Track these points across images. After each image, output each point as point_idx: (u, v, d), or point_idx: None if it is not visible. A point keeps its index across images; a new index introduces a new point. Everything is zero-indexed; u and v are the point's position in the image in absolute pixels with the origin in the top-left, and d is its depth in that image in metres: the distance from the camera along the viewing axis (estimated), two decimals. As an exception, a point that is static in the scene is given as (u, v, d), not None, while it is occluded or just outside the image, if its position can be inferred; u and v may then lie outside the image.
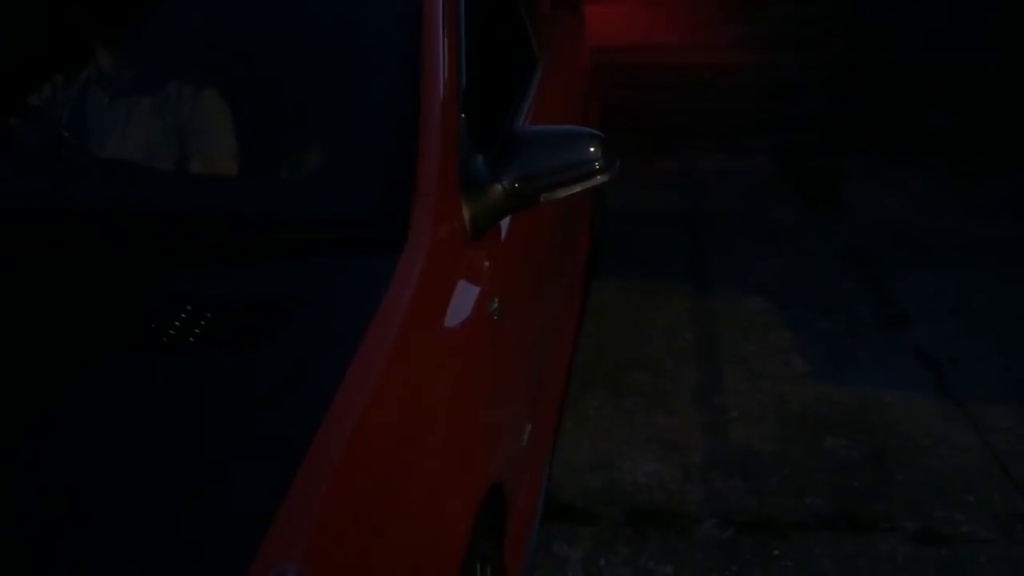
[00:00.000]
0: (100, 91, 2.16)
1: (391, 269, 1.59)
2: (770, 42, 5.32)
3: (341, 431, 1.32)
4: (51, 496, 1.22)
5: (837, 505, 2.62)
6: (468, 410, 1.63)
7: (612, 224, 4.28)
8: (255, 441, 1.28)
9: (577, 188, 1.91)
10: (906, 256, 4.11)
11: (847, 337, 3.49)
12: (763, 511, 2.60)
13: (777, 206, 4.73)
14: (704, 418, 3.03)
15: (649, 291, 3.86)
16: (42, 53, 2.38)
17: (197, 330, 1.45)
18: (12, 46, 2.37)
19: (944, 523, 2.55)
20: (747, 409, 3.07)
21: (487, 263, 1.83)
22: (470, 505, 1.50)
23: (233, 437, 1.29)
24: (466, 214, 1.80)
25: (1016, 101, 5.25)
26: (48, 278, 1.63)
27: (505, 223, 1.97)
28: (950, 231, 4.34)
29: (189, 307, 1.50)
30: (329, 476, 1.26)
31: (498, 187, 1.85)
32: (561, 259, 2.75)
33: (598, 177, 1.90)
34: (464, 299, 1.72)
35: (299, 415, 1.32)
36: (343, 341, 1.44)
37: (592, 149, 1.90)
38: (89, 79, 2.18)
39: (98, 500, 1.22)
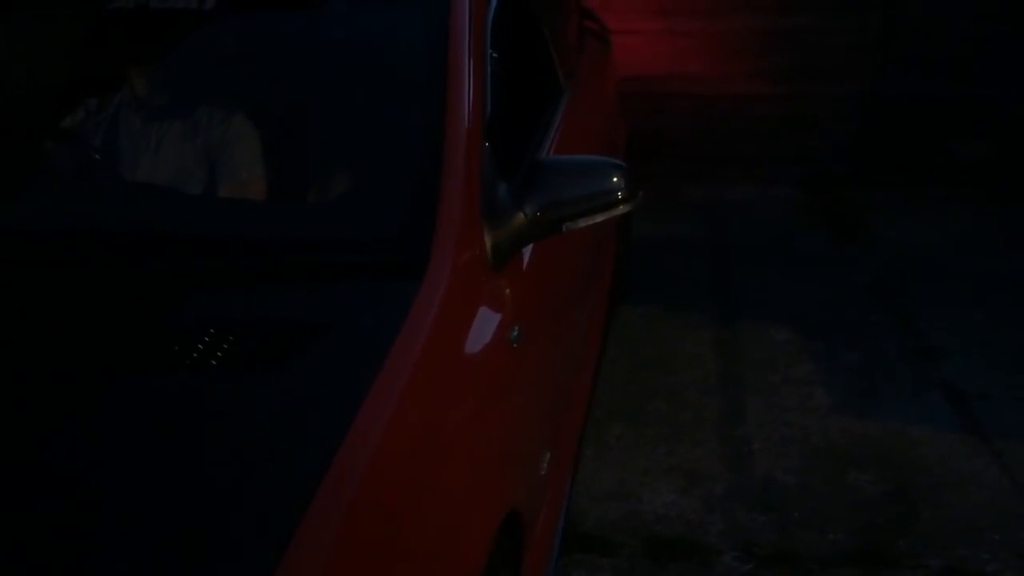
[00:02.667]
0: (132, 115, 2.21)
1: (412, 295, 1.60)
2: (798, 72, 5.31)
3: (358, 456, 1.32)
4: (66, 510, 1.24)
5: (860, 541, 2.58)
6: (486, 437, 1.63)
7: (637, 253, 4.28)
8: (272, 465, 1.29)
9: (600, 218, 1.92)
10: (934, 288, 4.08)
11: (873, 370, 3.46)
12: (785, 545, 2.57)
13: (803, 236, 4.71)
14: (726, 449, 3.01)
15: (673, 320, 3.85)
16: (76, 76, 2.43)
17: (219, 353, 1.47)
18: (47, 69, 2.42)
19: (969, 561, 2.51)
20: (770, 441, 3.04)
21: (508, 291, 1.84)
22: (487, 532, 1.50)
23: (250, 460, 1.30)
24: (488, 241, 1.81)
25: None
26: (76, 298, 1.66)
27: (527, 251, 1.98)
28: (978, 264, 4.30)
29: (212, 330, 1.52)
30: (345, 501, 1.27)
31: (520, 215, 1.87)
32: (584, 287, 2.75)
33: (620, 207, 1.92)
34: (484, 326, 1.72)
35: (317, 440, 1.33)
36: (363, 366, 1.45)
37: (615, 179, 1.92)
38: (122, 103, 2.23)
39: (114, 517, 1.23)
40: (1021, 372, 3.40)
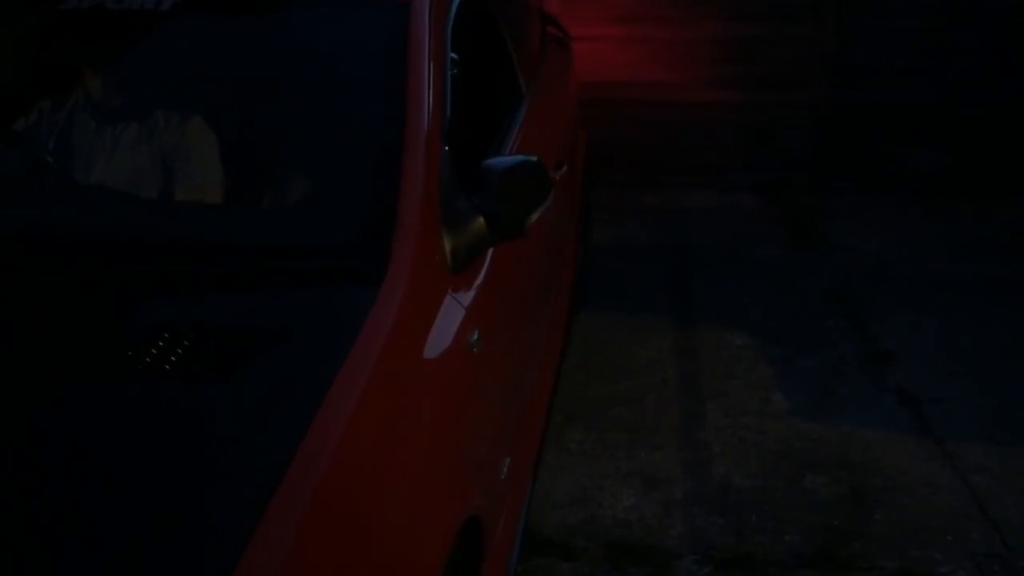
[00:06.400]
0: (87, 117, 2.17)
1: (371, 300, 1.59)
2: (755, 80, 5.37)
3: (315, 461, 1.31)
4: (22, 518, 1.21)
5: (816, 543, 2.61)
6: (445, 442, 1.63)
7: (598, 258, 4.30)
8: (229, 470, 1.28)
9: (537, 213, 1.93)
10: (888, 294, 4.14)
11: (829, 374, 3.50)
12: (742, 548, 2.60)
13: (761, 243, 4.76)
14: (685, 454, 3.03)
15: (633, 325, 3.87)
16: (29, 78, 2.39)
17: (174, 358, 1.45)
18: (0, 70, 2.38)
19: (922, 562, 2.55)
20: (728, 445, 3.07)
21: (467, 295, 1.84)
22: (445, 538, 1.49)
23: (207, 466, 1.28)
24: (447, 246, 1.81)
25: (997, 141, 5.32)
26: (28, 304, 1.63)
27: (487, 256, 1.98)
28: (932, 269, 4.38)
29: (167, 335, 1.50)
30: (303, 506, 1.26)
31: (480, 219, 1.87)
32: (544, 292, 2.76)
33: (549, 199, 1.94)
34: (443, 331, 1.72)
35: (274, 445, 1.32)
36: (321, 371, 1.44)
37: (543, 173, 1.94)
38: (76, 105, 2.19)
39: (71, 523, 1.21)
40: (972, 376, 3.46)
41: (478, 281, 1.91)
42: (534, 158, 1.99)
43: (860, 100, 5.34)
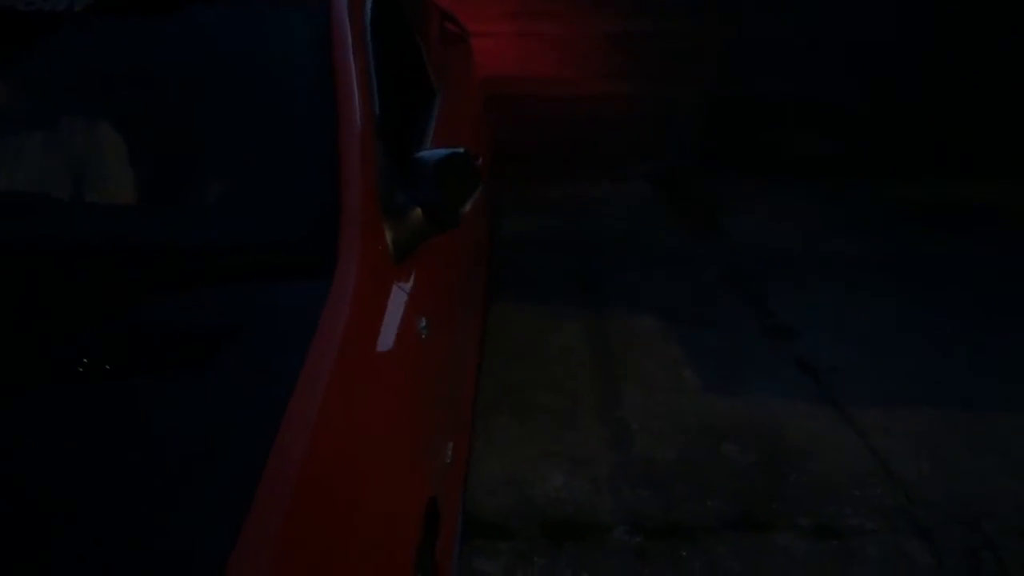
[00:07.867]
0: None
1: (324, 294, 1.62)
2: (642, 74, 5.55)
3: (292, 455, 1.32)
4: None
5: (738, 507, 2.76)
6: (407, 427, 1.68)
7: (504, 251, 4.38)
8: (205, 473, 1.28)
9: (470, 203, 2.00)
10: (782, 273, 4.35)
11: (733, 350, 3.68)
12: (669, 516, 2.72)
13: (659, 230, 4.93)
14: (607, 432, 3.14)
15: (545, 313, 3.97)
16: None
17: (138, 360, 1.45)
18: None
19: (835, 518, 2.73)
20: (647, 422, 3.19)
21: (412, 284, 1.88)
22: (417, 517, 1.54)
23: (177, 471, 1.28)
24: (389, 238, 1.85)
25: (876, 128, 5.64)
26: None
27: (422, 247, 2.02)
28: (820, 249, 4.61)
29: (124, 338, 1.50)
30: (287, 499, 1.27)
31: (417, 211, 1.92)
32: (471, 282, 2.82)
33: (479, 188, 2.03)
34: (396, 320, 1.76)
35: (245, 445, 1.32)
36: (284, 367, 1.46)
37: (473, 164, 2.01)
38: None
39: (49, 530, 1.20)
40: (865, 346, 3.69)
41: (419, 270, 1.96)
42: (462, 150, 2.05)
43: (746, 91, 5.58)
